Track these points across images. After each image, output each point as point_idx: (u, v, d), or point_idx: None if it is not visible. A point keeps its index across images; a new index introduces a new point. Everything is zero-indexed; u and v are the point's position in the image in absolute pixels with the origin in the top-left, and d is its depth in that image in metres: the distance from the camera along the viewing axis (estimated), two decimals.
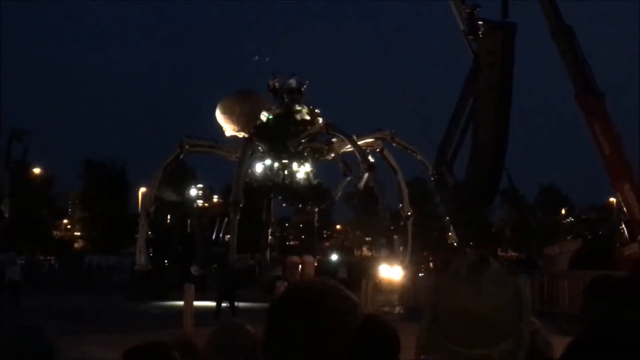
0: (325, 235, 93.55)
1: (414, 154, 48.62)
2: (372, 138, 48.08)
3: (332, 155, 48.60)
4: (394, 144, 48.15)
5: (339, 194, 51.91)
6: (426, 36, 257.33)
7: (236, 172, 45.55)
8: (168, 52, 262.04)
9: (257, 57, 51.48)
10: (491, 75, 40.23)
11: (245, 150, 46.19)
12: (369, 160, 45.29)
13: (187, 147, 47.05)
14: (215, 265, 42.43)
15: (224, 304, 34.04)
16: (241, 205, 43.17)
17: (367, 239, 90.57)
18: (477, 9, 41.31)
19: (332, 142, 47.71)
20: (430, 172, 43.55)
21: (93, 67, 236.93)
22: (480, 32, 40.91)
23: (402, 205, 49.50)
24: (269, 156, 48.19)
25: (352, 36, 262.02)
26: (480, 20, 41.08)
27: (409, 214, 48.95)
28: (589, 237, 58.16)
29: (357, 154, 45.20)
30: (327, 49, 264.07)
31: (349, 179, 49.55)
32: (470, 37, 41.45)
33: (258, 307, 33.36)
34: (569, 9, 39.75)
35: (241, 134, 48.91)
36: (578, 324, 4.07)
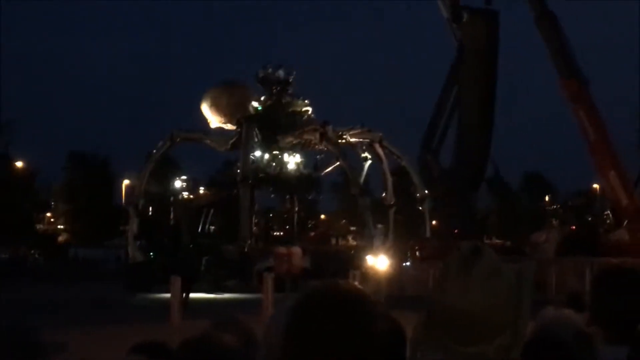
0: (310, 225, 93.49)
1: (399, 159, 49.17)
2: (361, 138, 48.37)
3: (323, 146, 48.55)
4: (381, 148, 48.50)
5: (325, 171, 52.08)
6: (408, 23, 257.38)
7: (242, 149, 46.20)
8: (151, 45, 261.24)
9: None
10: (475, 62, 40.31)
11: (249, 131, 46.62)
12: (360, 184, 46.08)
13: (178, 139, 47.10)
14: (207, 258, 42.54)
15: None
16: (250, 182, 44.08)
17: (352, 228, 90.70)
18: None
19: (322, 134, 47.69)
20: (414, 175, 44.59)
21: (75, 58, 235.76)
22: (464, 19, 40.94)
23: (385, 194, 49.77)
24: (259, 147, 48.26)
25: (338, 31, 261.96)
26: (464, 8, 41.13)
27: (392, 203, 49.26)
28: (575, 223, 58.37)
29: (349, 175, 46.23)
30: (314, 44, 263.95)
31: (338, 162, 49.63)
32: (454, 24, 41.49)
33: (246, 298, 33.44)
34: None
35: (228, 125, 48.83)
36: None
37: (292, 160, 49.14)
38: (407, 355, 3.03)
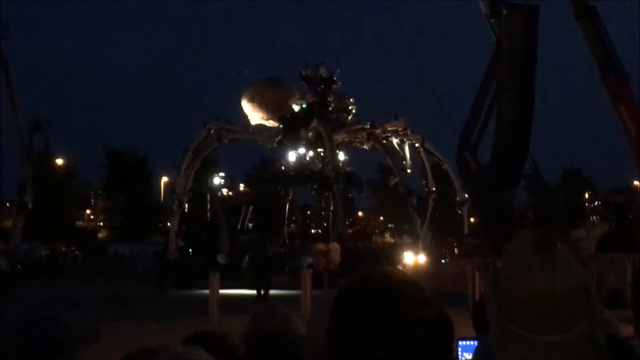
0: (347, 223, 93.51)
1: (441, 163, 49.05)
2: (402, 139, 48.40)
3: (367, 146, 48.54)
4: (423, 150, 48.56)
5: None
6: (448, 19, 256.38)
7: (328, 144, 46.10)
8: (188, 40, 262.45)
9: (246, 72, 52.74)
10: (514, 58, 40.00)
11: (326, 128, 46.85)
12: (407, 184, 45.97)
13: (226, 140, 47.41)
14: (250, 254, 42.70)
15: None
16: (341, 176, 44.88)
17: (390, 225, 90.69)
18: None
19: (369, 133, 47.59)
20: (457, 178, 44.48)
21: (112, 56, 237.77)
22: (502, 15, 40.66)
23: (426, 182, 49.72)
24: (304, 145, 48.30)
25: (371, 22, 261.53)
26: (503, 3, 40.82)
27: (433, 189, 49.19)
28: (615, 220, 57.97)
29: (397, 176, 46.06)
30: (346, 35, 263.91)
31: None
32: (493, 20, 41.22)
33: (285, 294, 33.52)
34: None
35: (270, 122, 48.91)
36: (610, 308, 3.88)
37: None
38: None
